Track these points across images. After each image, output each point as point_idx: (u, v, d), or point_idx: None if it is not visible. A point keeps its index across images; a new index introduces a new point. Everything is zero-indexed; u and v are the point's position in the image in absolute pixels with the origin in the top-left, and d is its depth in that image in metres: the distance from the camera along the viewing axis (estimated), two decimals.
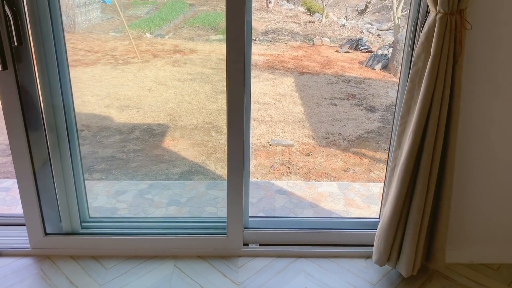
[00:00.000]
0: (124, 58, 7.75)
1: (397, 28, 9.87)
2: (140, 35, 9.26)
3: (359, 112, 6.15)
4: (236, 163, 1.98)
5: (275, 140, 5.06)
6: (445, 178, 1.77)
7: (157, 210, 3.37)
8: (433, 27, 1.62)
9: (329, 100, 6.56)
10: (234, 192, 2.04)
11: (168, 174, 4.23)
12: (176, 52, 8.29)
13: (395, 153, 1.87)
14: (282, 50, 9.18)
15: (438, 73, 1.63)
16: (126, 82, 6.78)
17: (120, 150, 4.70)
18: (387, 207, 1.89)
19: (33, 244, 2.12)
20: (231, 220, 2.10)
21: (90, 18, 9.54)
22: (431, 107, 1.67)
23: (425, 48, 1.67)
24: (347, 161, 4.74)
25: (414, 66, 1.73)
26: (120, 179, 4.08)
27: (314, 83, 7.26)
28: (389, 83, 7.59)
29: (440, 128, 1.69)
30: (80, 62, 7.32)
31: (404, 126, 1.81)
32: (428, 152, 1.71)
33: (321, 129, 5.52)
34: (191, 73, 7.32)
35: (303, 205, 3.55)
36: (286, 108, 6.16)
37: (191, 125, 5.41)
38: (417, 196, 1.78)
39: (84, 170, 4.30)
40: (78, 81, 6.65)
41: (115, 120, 5.45)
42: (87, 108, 5.75)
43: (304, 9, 12.75)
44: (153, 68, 7.47)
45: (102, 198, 3.51)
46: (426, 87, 1.65)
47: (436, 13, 1.60)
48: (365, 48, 9.26)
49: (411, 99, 1.76)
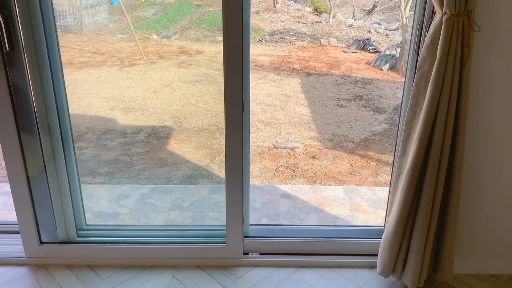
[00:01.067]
0: (130, 59, 7.76)
1: (405, 27, 9.76)
2: (147, 36, 9.28)
3: (366, 114, 6.06)
4: (235, 168, 1.92)
5: (280, 142, 4.99)
6: (452, 186, 1.69)
7: (159, 215, 3.33)
8: (439, 29, 1.54)
9: (336, 102, 6.48)
10: (233, 200, 1.98)
11: (171, 178, 4.18)
12: (182, 53, 8.28)
13: (400, 160, 1.79)
14: (288, 51, 9.13)
15: (445, 77, 1.55)
16: (131, 84, 6.78)
17: (124, 153, 4.67)
18: (391, 216, 1.81)
19: (28, 253, 2.07)
20: (230, 229, 2.03)
21: (97, 19, 9.59)
22: (437, 113, 1.59)
23: (431, 51, 1.59)
24: (353, 164, 4.66)
25: (420, 70, 1.65)
26: (123, 182, 4.05)
27: (321, 84, 7.19)
28: (397, 83, 7.50)
29: (446, 134, 1.61)
30: (86, 64, 7.33)
31: (409, 132, 1.73)
32: (434, 159, 1.63)
33: (327, 131, 5.45)
34: (197, 75, 7.31)
35: (307, 209, 3.48)
36: (292, 109, 6.09)
37: (196, 127, 5.37)
38: (423, 204, 1.70)
39: (87, 173, 4.27)
40: (83, 83, 6.66)
41: (120, 122, 5.43)
42: (92, 111, 5.74)
43: (312, 9, 12.69)
44: (159, 69, 7.47)
45: (104, 203, 3.48)
46: (432, 92, 1.57)
47: (442, 14, 1.53)
48: (373, 48, 9.18)
49: (416, 104, 1.68)
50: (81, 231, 2.11)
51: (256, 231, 2.13)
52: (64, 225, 2.05)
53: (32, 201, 2.00)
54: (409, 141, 1.74)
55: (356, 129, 5.56)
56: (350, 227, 2.23)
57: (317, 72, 7.81)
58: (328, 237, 2.11)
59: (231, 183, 1.94)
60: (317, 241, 2.10)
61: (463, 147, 1.65)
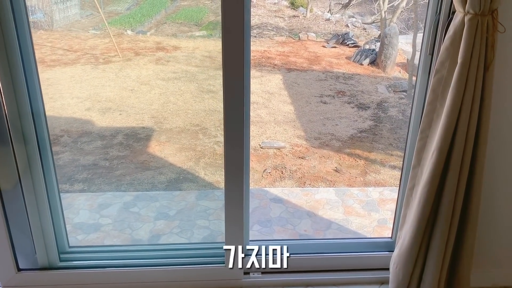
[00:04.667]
0: (104, 57, 7.52)
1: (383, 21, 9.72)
2: (121, 32, 9.04)
3: (350, 110, 5.99)
4: (236, 184, 1.76)
5: (266, 142, 4.85)
6: (471, 200, 1.57)
7: (144, 225, 3.16)
8: (460, 30, 1.41)
9: (319, 98, 6.38)
10: (232, 215, 1.82)
11: (154, 183, 4.00)
12: (159, 50, 8.08)
13: (413, 171, 1.66)
14: (268, 46, 9.01)
15: (467, 82, 1.42)
16: (107, 82, 6.55)
17: (102, 157, 4.45)
18: (405, 232, 1.68)
19: (4, 282, 1.86)
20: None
21: (69, 15, 9.30)
22: (458, 122, 1.46)
23: (451, 54, 1.45)
24: (341, 163, 4.56)
25: (437, 74, 1.51)
26: (104, 189, 3.84)
27: (303, 80, 7.08)
28: (378, 78, 7.48)
29: (468, 145, 1.48)
30: (58, 62, 7.06)
31: (424, 141, 1.60)
32: (454, 171, 1.50)
33: (312, 129, 5.34)
34: (176, 72, 7.13)
35: (300, 214, 3.37)
36: (275, 107, 5.96)
37: (178, 127, 5.19)
38: (441, 220, 1.58)
39: (65, 180, 4.04)
40: (56, 82, 6.41)
41: (97, 124, 5.21)
42: (67, 112, 5.50)
43: (288, 3, 12.56)
44: (136, 67, 7.26)
45: (84, 213, 3.29)
46: (453, 99, 1.44)
47: (465, 13, 1.39)
48: (352, 43, 9.13)
49: (433, 111, 1.55)
50: (64, 255, 1.91)
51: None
52: (44, 248, 1.84)
53: (6, 220, 1.78)
54: (424, 150, 1.61)
55: (342, 126, 5.47)
56: (356, 240, 2.10)
57: (298, 67, 7.71)
58: (334, 252, 1.98)
59: (232, 199, 1.78)
60: (322, 257, 1.96)
61: (484, 158, 1.53)
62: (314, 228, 3.18)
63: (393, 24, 8.36)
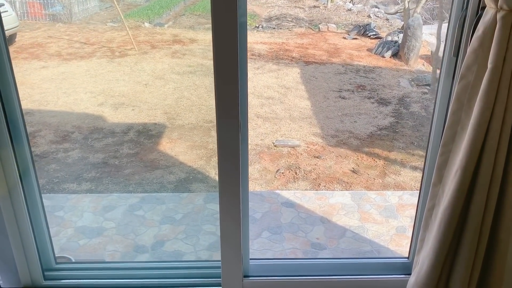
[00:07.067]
0: (121, 50, 7.46)
1: (407, 12, 9.37)
2: (139, 24, 8.99)
3: (370, 106, 5.73)
4: (231, 193, 1.58)
5: (280, 140, 4.65)
6: (500, 228, 1.35)
7: (148, 229, 3.03)
8: (491, 29, 1.19)
9: (338, 93, 6.14)
10: (229, 232, 1.64)
11: (163, 183, 3.87)
12: (175, 42, 7.97)
13: (434, 189, 1.45)
14: (286, 38, 8.79)
15: (498, 91, 1.20)
16: (122, 76, 6.47)
17: (112, 155, 4.34)
18: (423, 258, 1.48)
19: None
20: (226, 267, 1.70)
21: (88, 7, 9.30)
22: (487, 137, 1.24)
23: (479, 57, 1.23)
24: (359, 163, 4.33)
25: (462, 80, 1.30)
26: (111, 189, 3.73)
27: (321, 73, 6.85)
28: (400, 71, 7.19)
29: (498, 164, 1.26)
30: (75, 55, 7.01)
31: (447, 156, 1.39)
32: (481, 195, 1.29)
33: (329, 126, 5.12)
34: (191, 65, 7.00)
35: (313, 220, 3.19)
36: (291, 102, 5.75)
37: (190, 124, 5.05)
38: (464, 249, 1.37)
39: (73, 179, 3.95)
40: (71, 76, 6.37)
41: (109, 120, 5.11)
42: (79, 107, 5.43)
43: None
44: (151, 60, 7.17)
45: (88, 216, 3.19)
46: (481, 110, 1.22)
47: (497, 10, 1.17)
48: (374, 34, 8.83)
49: (457, 123, 1.33)
50: (49, 272, 1.76)
51: (257, 268, 1.80)
52: (26, 266, 1.70)
53: None
54: (446, 167, 1.40)
55: (361, 123, 5.23)
56: (369, 260, 1.90)
57: (316, 60, 7.46)
58: (344, 274, 1.78)
59: (227, 210, 1.60)
60: (330, 280, 1.77)
61: None
62: (327, 236, 2.99)
63: (417, 15, 8.00)
